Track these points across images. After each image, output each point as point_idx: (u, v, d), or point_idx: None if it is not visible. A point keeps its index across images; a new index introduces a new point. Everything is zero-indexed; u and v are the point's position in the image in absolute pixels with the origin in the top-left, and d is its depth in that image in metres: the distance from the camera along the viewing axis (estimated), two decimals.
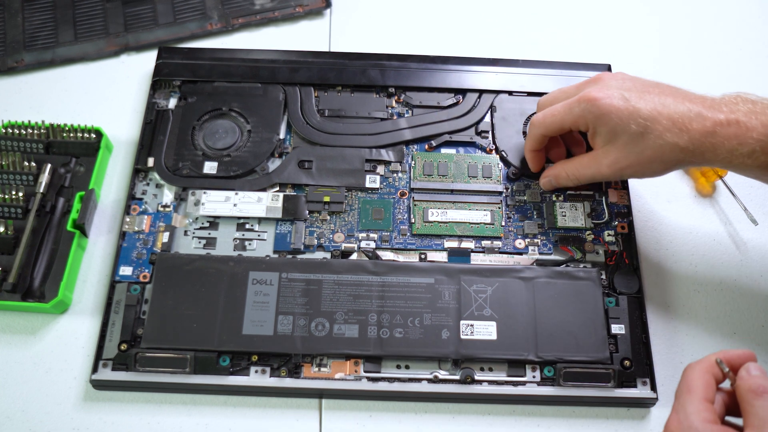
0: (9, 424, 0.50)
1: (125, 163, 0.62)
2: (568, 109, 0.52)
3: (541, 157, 0.58)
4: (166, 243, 0.56)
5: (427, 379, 0.52)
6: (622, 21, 0.73)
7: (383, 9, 0.73)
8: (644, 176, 0.52)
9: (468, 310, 0.53)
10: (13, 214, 0.56)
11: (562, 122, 0.53)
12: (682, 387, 0.40)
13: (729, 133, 0.47)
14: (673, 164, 0.50)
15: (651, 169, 0.51)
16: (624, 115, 0.49)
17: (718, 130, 0.47)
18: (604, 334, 0.53)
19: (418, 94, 0.64)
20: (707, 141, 0.47)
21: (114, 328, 0.52)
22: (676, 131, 0.48)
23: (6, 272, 0.54)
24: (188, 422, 0.51)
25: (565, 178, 0.56)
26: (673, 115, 0.48)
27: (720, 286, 0.58)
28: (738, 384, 0.38)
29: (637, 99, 0.49)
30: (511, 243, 0.57)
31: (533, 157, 0.58)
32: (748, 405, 0.37)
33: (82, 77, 0.66)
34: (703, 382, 0.39)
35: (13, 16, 0.69)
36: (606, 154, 0.51)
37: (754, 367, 0.38)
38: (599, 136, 0.51)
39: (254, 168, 0.60)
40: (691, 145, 0.48)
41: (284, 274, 0.54)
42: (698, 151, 0.48)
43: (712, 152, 0.48)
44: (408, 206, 0.59)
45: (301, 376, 0.51)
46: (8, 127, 0.59)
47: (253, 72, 0.64)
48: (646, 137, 0.49)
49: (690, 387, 0.39)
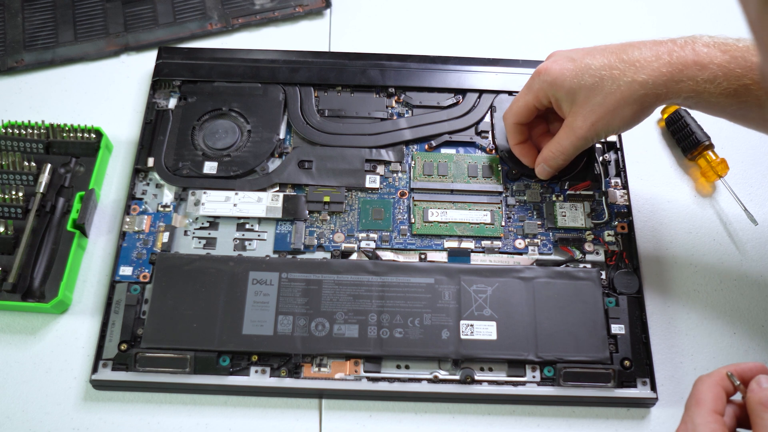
0: (9, 424, 0.50)
1: (125, 163, 0.62)
2: (527, 89, 0.54)
3: (529, 149, 0.58)
4: (166, 243, 0.56)
5: (427, 379, 0.52)
6: (621, 21, 0.73)
7: (383, 9, 0.73)
8: (620, 127, 0.51)
9: (468, 310, 0.53)
10: (13, 214, 0.56)
11: (526, 103, 0.54)
12: (691, 399, 0.40)
13: (688, 61, 0.47)
14: (640, 104, 0.49)
15: (621, 116, 0.50)
16: (576, 73, 0.50)
17: (675, 60, 0.47)
18: (604, 334, 0.53)
19: (418, 94, 0.64)
20: (667, 72, 0.47)
21: (114, 328, 0.52)
22: (632, 70, 0.48)
23: (6, 272, 0.54)
24: (188, 422, 0.51)
25: (552, 157, 0.55)
26: (627, 59, 0.49)
27: (720, 286, 0.58)
28: (749, 396, 0.38)
29: (584, 56, 0.51)
30: (511, 243, 0.57)
31: (521, 151, 0.58)
32: (758, 417, 0.37)
33: (82, 77, 0.66)
34: (713, 395, 0.39)
35: (13, 16, 0.69)
36: (574, 116, 0.52)
37: (765, 380, 0.38)
38: (562, 102, 0.52)
39: (254, 168, 0.60)
40: (650, 79, 0.47)
41: (284, 274, 0.54)
42: (660, 83, 0.47)
43: (674, 83, 0.47)
44: (408, 206, 0.59)
45: (301, 376, 0.51)
46: (8, 127, 0.59)
47: (253, 72, 0.64)
48: (603, 85, 0.49)
49: (699, 399, 0.39)
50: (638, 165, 0.63)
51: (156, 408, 0.52)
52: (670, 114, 0.64)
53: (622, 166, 0.61)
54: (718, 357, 0.55)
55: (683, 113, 0.63)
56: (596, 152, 0.61)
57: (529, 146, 0.58)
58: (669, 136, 0.65)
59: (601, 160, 0.61)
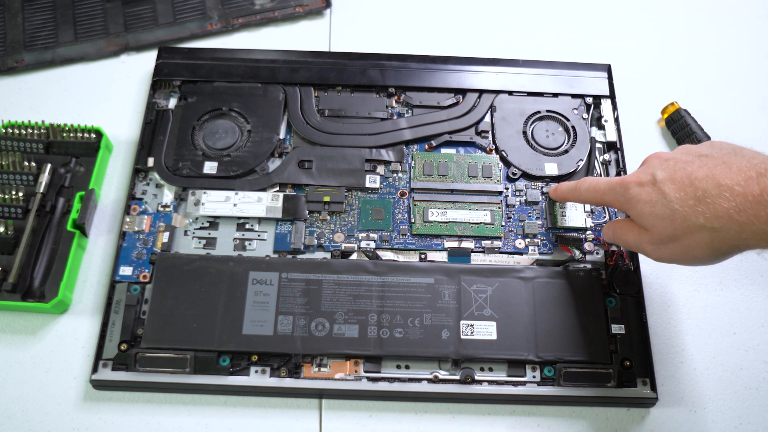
0: (9, 424, 0.50)
1: (125, 163, 0.62)
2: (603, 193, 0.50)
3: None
4: (166, 243, 0.56)
5: (427, 379, 0.52)
6: (621, 21, 0.73)
7: (383, 9, 0.73)
8: (695, 265, 0.47)
9: (468, 310, 0.53)
10: (13, 214, 0.56)
11: (601, 201, 0.51)
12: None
13: (759, 211, 0.39)
14: (708, 248, 0.43)
15: (693, 258, 0.44)
16: (651, 199, 0.44)
17: (746, 208, 0.40)
18: (604, 334, 0.53)
19: (418, 94, 0.64)
20: (735, 218, 0.40)
21: (114, 328, 0.52)
22: (699, 209, 0.42)
23: (6, 272, 0.54)
24: (188, 422, 0.51)
25: (610, 237, 0.52)
26: (701, 194, 0.42)
27: (720, 286, 0.58)
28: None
29: (667, 180, 0.44)
30: (511, 243, 0.57)
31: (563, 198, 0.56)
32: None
33: (82, 77, 0.66)
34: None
35: (13, 16, 0.69)
36: (642, 236, 0.47)
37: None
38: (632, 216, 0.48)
39: (254, 168, 0.60)
40: (716, 223, 0.41)
41: (284, 274, 0.54)
42: (725, 229, 0.41)
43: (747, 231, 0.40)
44: (408, 206, 0.59)
45: (301, 376, 0.51)
46: (8, 127, 0.59)
47: (253, 72, 0.64)
48: (674, 220, 0.43)
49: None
50: (638, 165, 0.62)
51: (156, 408, 0.52)
52: (671, 114, 0.64)
53: (622, 166, 0.61)
54: (718, 357, 0.55)
55: (683, 113, 0.64)
56: (596, 152, 0.61)
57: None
58: (669, 135, 0.65)
59: (602, 160, 0.61)
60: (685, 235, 0.43)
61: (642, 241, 0.47)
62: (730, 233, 0.41)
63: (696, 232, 0.42)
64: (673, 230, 0.43)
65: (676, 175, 0.44)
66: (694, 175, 0.42)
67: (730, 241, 0.41)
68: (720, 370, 0.54)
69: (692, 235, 0.43)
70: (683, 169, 0.43)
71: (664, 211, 0.44)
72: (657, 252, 0.46)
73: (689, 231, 0.43)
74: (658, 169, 0.45)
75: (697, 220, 0.42)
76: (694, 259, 0.45)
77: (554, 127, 0.63)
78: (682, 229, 0.43)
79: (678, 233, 0.43)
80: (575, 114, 0.63)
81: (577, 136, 0.62)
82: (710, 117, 0.64)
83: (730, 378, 0.54)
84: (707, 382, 0.54)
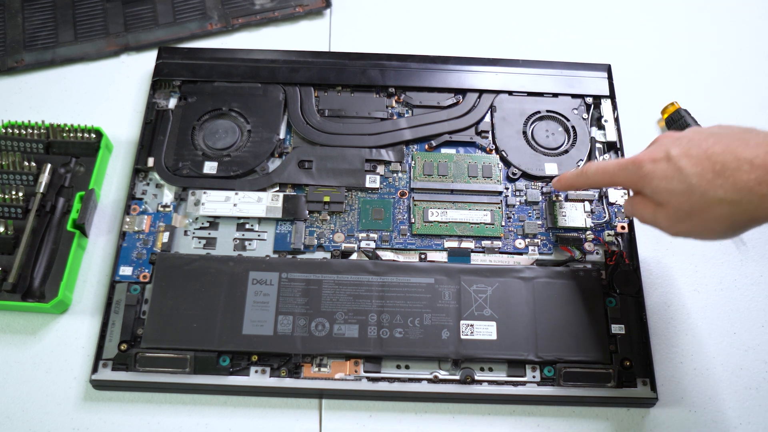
0: (9, 424, 0.50)
1: (125, 163, 0.62)
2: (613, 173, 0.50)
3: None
4: (166, 243, 0.56)
5: (427, 379, 0.52)
6: (621, 21, 0.73)
7: (383, 9, 0.73)
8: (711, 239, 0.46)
9: (468, 310, 0.53)
10: (13, 214, 0.56)
11: (611, 182, 0.51)
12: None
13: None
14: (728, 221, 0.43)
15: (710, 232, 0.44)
16: (667, 175, 0.44)
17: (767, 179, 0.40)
18: (604, 334, 0.53)
19: (418, 94, 0.64)
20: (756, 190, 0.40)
21: (114, 328, 0.52)
22: (718, 182, 0.42)
23: (6, 272, 0.54)
24: (188, 422, 0.51)
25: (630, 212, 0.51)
26: (719, 168, 0.42)
27: (720, 286, 0.58)
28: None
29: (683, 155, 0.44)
30: (511, 243, 0.57)
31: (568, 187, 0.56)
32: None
33: (82, 77, 0.66)
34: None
35: (13, 16, 0.69)
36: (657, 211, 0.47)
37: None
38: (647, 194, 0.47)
39: (254, 168, 0.60)
40: (736, 195, 0.41)
41: (284, 274, 0.54)
42: (746, 201, 0.41)
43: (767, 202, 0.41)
44: (408, 206, 0.59)
45: (301, 376, 0.51)
46: (8, 127, 0.59)
47: (253, 72, 0.64)
48: (692, 194, 0.43)
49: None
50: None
51: (156, 408, 0.52)
52: (671, 114, 0.64)
53: None
54: (718, 357, 0.55)
55: (683, 113, 0.64)
56: (596, 152, 0.61)
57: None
58: None
59: (602, 160, 0.61)
60: (703, 210, 0.43)
61: (658, 217, 0.47)
62: (751, 205, 0.41)
63: (714, 206, 0.42)
64: (691, 205, 0.43)
65: (691, 151, 0.44)
66: (711, 150, 0.42)
67: (750, 214, 0.42)
68: (720, 370, 0.54)
69: (710, 209, 0.43)
70: (698, 146, 0.44)
71: (681, 186, 0.43)
72: (674, 227, 0.46)
73: (707, 205, 0.43)
74: (672, 146, 0.45)
75: (716, 194, 0.42)
76: (712, 233, 0.45)
77: (554, 127, 0.63)
78: (699, 203, 0.43)
79: (696, 208, 0.43)
80: (575, 114, 0.63)
81: (577, 136, 0.62)
82: (710, 117, 0.64)
83: (730, 378, 0.54)
84: (707, 382, 0.54)
